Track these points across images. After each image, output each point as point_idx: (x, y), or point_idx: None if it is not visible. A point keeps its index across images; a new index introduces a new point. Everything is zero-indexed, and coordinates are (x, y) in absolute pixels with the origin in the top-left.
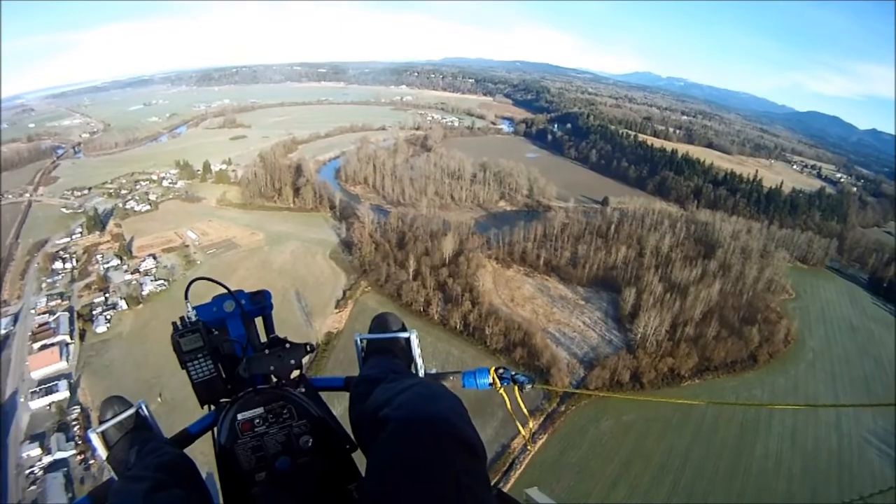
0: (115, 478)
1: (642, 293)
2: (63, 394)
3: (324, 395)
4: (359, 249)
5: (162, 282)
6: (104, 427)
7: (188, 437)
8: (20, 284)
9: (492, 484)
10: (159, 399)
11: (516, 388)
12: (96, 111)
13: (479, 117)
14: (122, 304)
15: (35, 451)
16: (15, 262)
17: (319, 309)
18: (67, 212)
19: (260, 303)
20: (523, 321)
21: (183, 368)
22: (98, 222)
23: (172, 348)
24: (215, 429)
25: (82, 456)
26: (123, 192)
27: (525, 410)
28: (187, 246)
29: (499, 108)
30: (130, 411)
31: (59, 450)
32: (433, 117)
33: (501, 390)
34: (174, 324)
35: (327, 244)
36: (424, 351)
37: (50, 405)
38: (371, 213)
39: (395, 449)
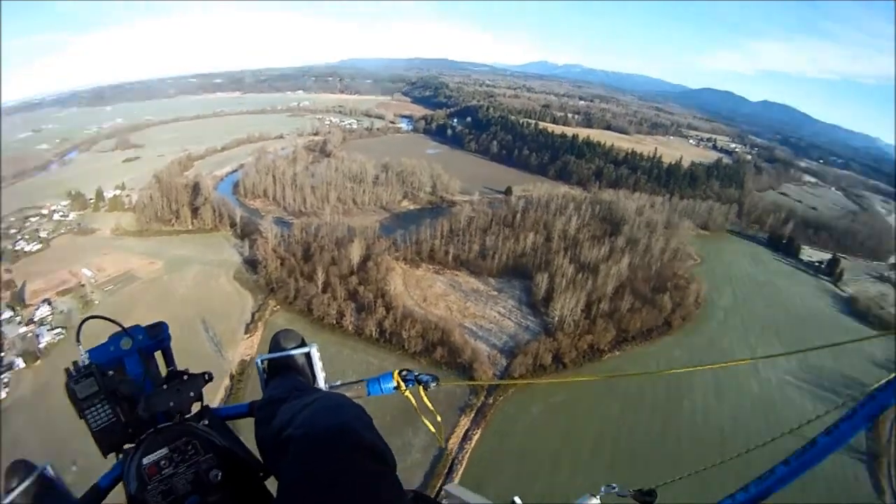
0: None
1: (554, 277)
2: None
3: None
4: (264, 267)
5: (59, 330)
6: (10, 498)
7: (99, 492)
8: None
9: (413, 489)
10: (74, 468)
11: (421, 388)
12: None
13: (378, 117)
14: (19, 363)
15: None
16: None
17: (229, 336)
18: None
19: (157, 336)
20: (439, 320)
21: (81, 418)
22: None
23: (68, 397)
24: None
25: None
26: (12, 231)
27: (433, 409)
28: (83, 285)
29: (398, 106)
30: (34, 476)
31: None
32: (331, 121)
33: (407, 392)
34: (67, 370)
35: (230, 265)
36: (342, 364)
37: None
38: (274, 226)
39: (300, 466)
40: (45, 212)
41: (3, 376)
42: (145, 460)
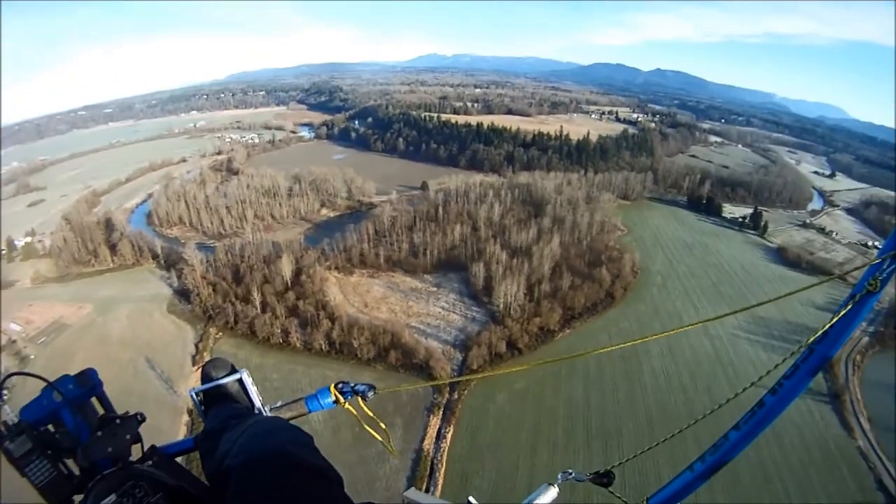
0: None
1: (489, 265)
2: None
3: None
4: (196, 295)
5: None
6: None
7: None
8: None
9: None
10: None
11: (360, 399)
12: None
13: (278, 129)
14: None
15: None
16: None
17: (177, 371)
18: None
19: (86, 384)
20: (385, 323)
21: (22, 476)
22: None
23: (5, 457)
24: None
25: None
26: None
27: (374, 418)
28: (14, 341)
29: (295, 115)
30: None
31: None
32: (232, 138)
33: (347, 405)
34: None
35: (161, 298)
36: (298, 382)
37: None
38: (197, 252)
39: (242, 495)
40: None
41: None
42: None
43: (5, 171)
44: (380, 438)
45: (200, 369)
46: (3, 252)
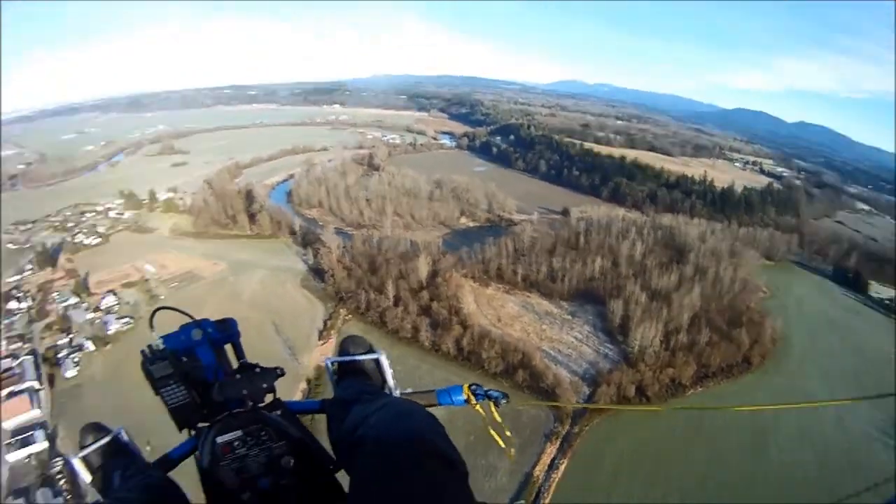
0: (101, 500)
1: (628, 304)
2: (41, 444)
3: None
4: (331, 276)
5: (127, 319)
6: (85, 452)
7: (169, 461)
8: None
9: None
10: (148, 448)
11: (491, 404)
12: (29, 141)
13: (419, 133)
14: (89, 345)
15: None
16: None
17: (302, 342)
18: (14, 247)
19: (226, 331)
20: (517, 342)
21: (157, 395)
22: (48, 257)
23: (145, 377)
24: (197, 452)
25: None
26: (70, 224)
27: (503, 424)
28: (147, 280)
29: (435, 123)
30: (111, 436)
31: None
32: (373, 135)
33: (478, 406)
34: (143, 352)
35: (295, 272)
36: (420, 379)
37: (29, 457)
38: (335, 237)
39: (374, 468)
40: (100, 209)
41: (73, 356)
42: (219, 439)
43: (151, 132)
44: (502, 445)
45: (339, 342)
46: (145, 201)
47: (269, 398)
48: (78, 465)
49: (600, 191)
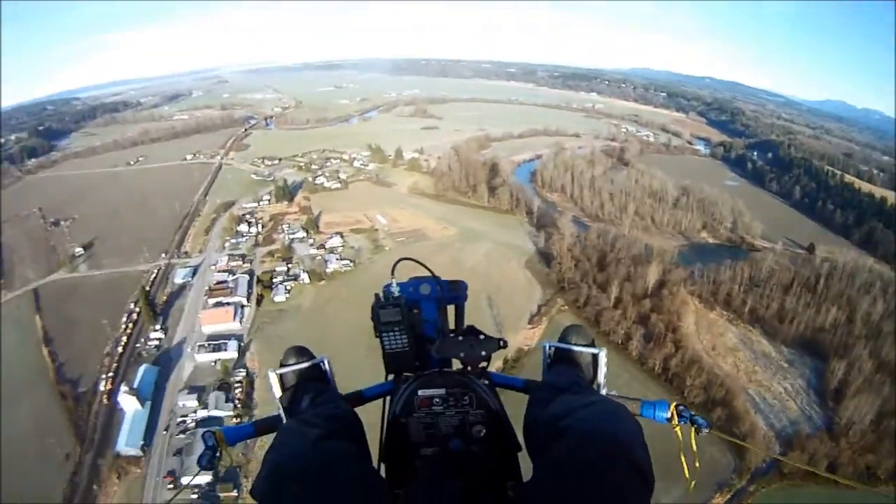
0: (283, 417)
1: (851, 368)
2: (231, 354)
3: None
4: (558, 263)
5: (347, 262)
6: (285, 370)
7: (361, 398)
8: (203, 240)
9: None
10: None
11: (693, 429)
12: (287, 88)
13: (675, 134)
14: (305, 278)
15: (192, 402)
16: (201, 218)
17: (512, 321)
18: (257, 178)
19: (455, 292)
20: (725, 376)
21: (377, 337)
22: (287, 192)
23: (370, 317)
24: (389, 397)
25: (238, 420)
26: (314, 166)
27: (696, 453)
28: (376, 230)
29: (693, 126)
30: (313, 362)
31: (216, 407)
32: (627, 129)
33: (678, 428)
34: (377, 295)
35: (523, 251)
36: (619, 389)
37: (216, 362)
38: (571, 225)
39: (573, 460)
40: (345, 157)
41: (286, 284)
42: (421, 392)
43: (406, 94)
44: (687, 475)
45: (562, 329)
46: (390, 157)
47: (482, 365)
48: (273, 378)
49: (852, 232)
